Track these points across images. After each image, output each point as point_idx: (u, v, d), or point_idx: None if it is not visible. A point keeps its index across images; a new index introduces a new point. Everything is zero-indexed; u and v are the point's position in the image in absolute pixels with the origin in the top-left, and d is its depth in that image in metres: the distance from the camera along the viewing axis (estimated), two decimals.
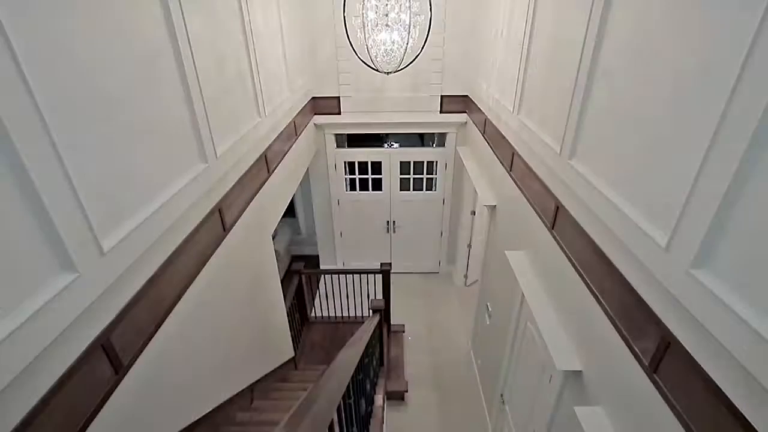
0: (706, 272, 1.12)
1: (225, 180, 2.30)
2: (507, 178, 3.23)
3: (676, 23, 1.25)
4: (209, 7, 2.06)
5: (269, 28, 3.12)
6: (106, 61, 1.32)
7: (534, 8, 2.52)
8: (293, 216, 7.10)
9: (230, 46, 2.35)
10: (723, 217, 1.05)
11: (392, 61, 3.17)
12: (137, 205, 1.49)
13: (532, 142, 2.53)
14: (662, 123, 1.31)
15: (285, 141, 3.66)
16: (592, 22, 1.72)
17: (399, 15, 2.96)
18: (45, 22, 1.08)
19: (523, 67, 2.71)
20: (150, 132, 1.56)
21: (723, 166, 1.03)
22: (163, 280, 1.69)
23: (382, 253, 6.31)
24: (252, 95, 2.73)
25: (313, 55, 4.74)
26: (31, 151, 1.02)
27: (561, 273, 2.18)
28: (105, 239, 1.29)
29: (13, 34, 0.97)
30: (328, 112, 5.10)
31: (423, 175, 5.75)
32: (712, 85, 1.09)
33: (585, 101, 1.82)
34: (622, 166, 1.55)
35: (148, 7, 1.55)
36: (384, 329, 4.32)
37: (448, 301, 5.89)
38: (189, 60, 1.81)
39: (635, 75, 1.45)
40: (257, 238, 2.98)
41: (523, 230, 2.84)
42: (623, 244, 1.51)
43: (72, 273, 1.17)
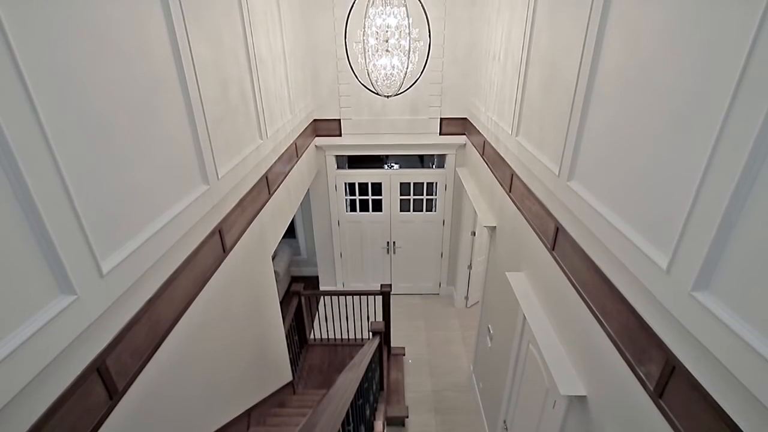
0: (707, 294, 1.11)
1: (226, 201, 2.32)
2: (506, 199, 3.25)
3: (668, 48, 1.28)
4: (214, 32, 2.12)
5: (272, 53, 3.19)
6: (111, 84, 1.34)
7: (530, 34, 2.59)
8: (293, 236, 7.10)
9: (234, 70, 2.40)
10: (723, 239, 1.05)
11: (392, 85, 3.24)
12: (138, 226, 1.49)
13: (531, 163, 2.55)
14: (658, 146, 1.32)
15: (286, 162, 3.70)
16: (587, 47, 1.77)
17: (399, 41, 3.03)
18: (55, 44, 1.11)
19: (521, 90, 2.76)
20: (153, 154, 1.58)
21: (720, 188, 1.04)
22: (162, 303, 1.68)
23: (382, 275, 6.28)
24: (254, 118, 2.77)
25: (315, 79, 4.84)
26: (35, 172, 1.03)
27: (562, 294, 2.16)
28: (105, 261, 1.29)
29: (21, 56, 0.99)
30: (329, 134, 5.17)
31: (423, 196, 5.78)
32: (705, 108, 1.11)
33: (582, 124, 1.85)
34: (620, 188, 1.56)
35: (155, 31, 1.59)
36: (384, 352, 4.26)
37: (449, 322, 5.81)
38: (193, 83, 1.85)
39: (630, 99, 1.48)
40: (257, 260, 2.97)
41: (524, 251, 2.83)
42: (624, 265, 1.50)
43: (70, 295, 1.16)
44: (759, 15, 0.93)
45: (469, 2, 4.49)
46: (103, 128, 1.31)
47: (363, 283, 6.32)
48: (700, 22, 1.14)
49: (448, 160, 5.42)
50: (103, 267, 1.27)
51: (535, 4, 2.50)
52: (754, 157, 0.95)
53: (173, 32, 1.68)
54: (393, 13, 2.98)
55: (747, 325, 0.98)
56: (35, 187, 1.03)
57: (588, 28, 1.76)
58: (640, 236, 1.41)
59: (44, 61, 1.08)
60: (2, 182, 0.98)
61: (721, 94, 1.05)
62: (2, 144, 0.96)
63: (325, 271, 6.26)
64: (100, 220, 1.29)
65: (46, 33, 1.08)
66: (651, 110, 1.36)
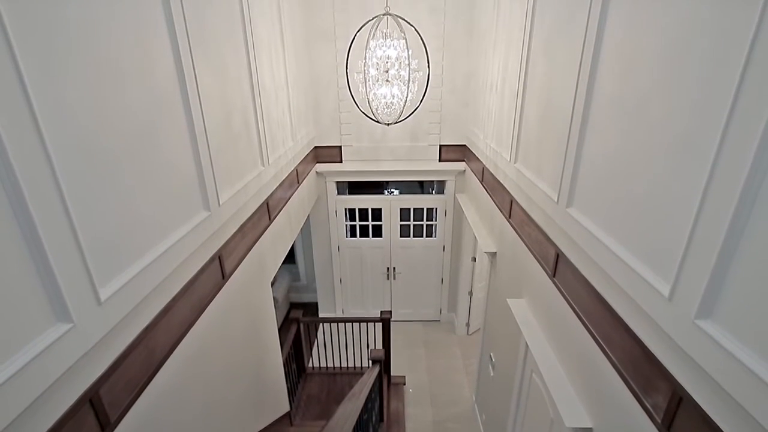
0: (711, 323, 1.10)
1: (226, 227, 2.32)
2: (506, 225, 3.25)
3: (662, 80, 1.31)
4: (220, 62, 2.18)
5: (276, 82, 3.28)
6: (117, 112, 1.37)
7: (526, 65, 2.66)
8: (293, 262, 7.06)
9: (238, 99, 2.45)
10: (724, 266, 1.05)
11: (392, 113, 3.31)
12: (138, 253, 1.49)
13: (530, 190, 2.57)
14: (655, 173, 1.34)
15: (287, 188, 3.72)
16: (582, 78, 1.82)
17: (399, 71, 3.12)
18: (64, 74, 1.14)
19: (518, 118, 2.82)
20: (155, 180, 1.60)
21: (718, 215, 1.04)
22: (159, 330, 1.66)
23: (381, 301, 6.21)
24: (256, 145, 2.81)
25: (317, 107, 4.94)
26: (38, 198, 1.04)
27: (565, 322, 2.13)
28: (103, 288, 1.28)
29: (31, 85, 1.02)
30: (330, 160, 5.23)
31: (423, 222, 5.79)
32: (700, 137, 1.13)
33: (579, 151, 1.88)
34: (619, 214, 1.56)
35: (162, 61, 1.64)
36: (384, 381, 4.16)
37: (450, 350, 5.70)
38: (198, 112, 1.89)
39: (626, 127, 1.51)
40: (256, 286, 2.95)
41: (525, 277, 2.81)
42: (626, 293, 1.49)
43: (67, 323, 1.14)
44: (746, 50, 0.96)
45: (466, 34, 4.64)
46: (107, 155, 1.33)
47: (363, 310, 6.24)
48: (693, 56, 1.18)
49: (448, 186, 5.46)
50: (101, 294, 1.26)
51: (530, 36, 2.58)
52: (749, 186, 0.96)
53: (180, 62, 1.73)
54: (393, 45, 3.08)
55: (754, 354, 0.97)
56: (37, 212, 1.04)
57: (582, 60, 1.81)
58: (640, 263, 1.41)
59: (53, 90, 1.11)
60: (4, 208, 0.98)
61: (715, 124, 1.07)
62: (7, 169, 0.97)
63: (324, 297, 6.20)
64: (100, 247, 1.29)
65: (55, 62, 1.12)
66: (647, 138, 1.38)
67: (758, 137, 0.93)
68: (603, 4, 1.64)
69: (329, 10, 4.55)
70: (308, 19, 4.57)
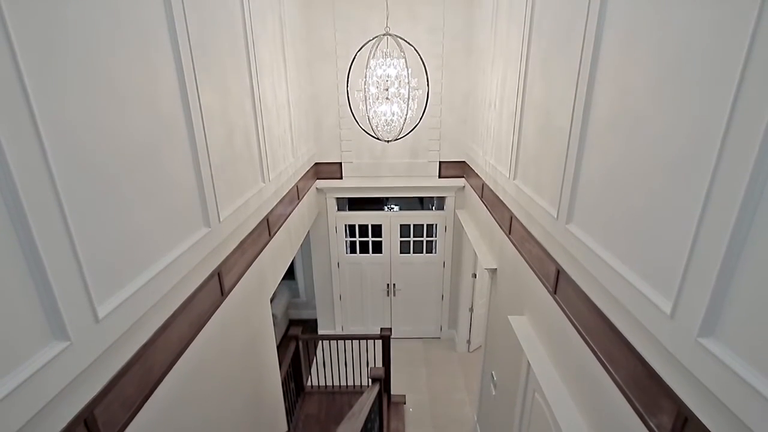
0: (714, 341, 1.09)
1: (226, 244, 2.32)
2: (506, 242, 3.25)
3: (657, 100, 1.33)
4: (223, 82, 2.22)
5: (277, 101, 3.32)
6: (121, 130, 1.39)
7: (524, 83, 2.70)
8: (292, 278, 7.02)
9: (240, 118, 2.49)
10: (725, 282, 1.05)
11: (392, 130, 3.34)
12: (137, 270, 1.49)
13: (529, 206, 2.58)
14: (654, 191, 1.35)
15: (287, 205, 3.73)
16: (579, 97, 1.84)
17: (398, 90, 3.17)
18: (69, 92, 1.16)
19: (516, 136, 2.85)
20: (156, 197, 1.61)
21: (717, 232, 1.05)
22: (156, 348, 1.64)
23: (381, 318, 6.16)
24: (257, 162, 2.83)
25: (318, 124, 5.00)
26: (40, 216, 1.04)
27: (566, 340, 2.11)
28: (101, 306, 1.28)
29: (37, 104, 1.04)
30: (330, 176, 5.26)
31: (423, 238, 5.78)
32: (698, 155, 1.14)
33: (578, 168, 1.89)
34: (619, 231, 1.57)
35: (165, 81, 1.66)
36: (384, 400, 4.09)
37: (451, 368, 5.62)
38: (200, 131, 1.91)
39: (624, 145, 1.52)
40: (255, 303, 2.93)
41: (525, 294, 2.80)
42: (627, 310, 1.48)
43: (63, 341, 1.13)
44: (739, 69, 0.98)
45: (465, 53, 4.72)
46: (109, 172, 1.34)
47: (363, 327, 6.18)
48: (688, 77, 1.20)
49: (448, 202, 5.48)
50: (99, 312, 1.25)
51: (527, 56, 2.63)
52: (747, 203, 0.97)
53: (183, 82, 1.76)
54: (393, 64, 3.14)
55: (758, 373, 0.96)
56: (38, 229, 1.04)
57: (578, 79, 1.84)
58: (641, 280, 1.40)
59: (56, 108, 1.12)
60: (5, 223, 0.99)
61: (711, 143, 1.08)
62: (9, 186, 0.97)
63: (324, 314, 6.15)
64: (100, 264, 1.28)
65: (60, 82, 1.14)
66: (644, 156, 1.40)
67: (754, 155, 0.94)
68: (598, 26, 1.68)
69: (330, 31, 4.65)
70: (310, 40, 4.66)
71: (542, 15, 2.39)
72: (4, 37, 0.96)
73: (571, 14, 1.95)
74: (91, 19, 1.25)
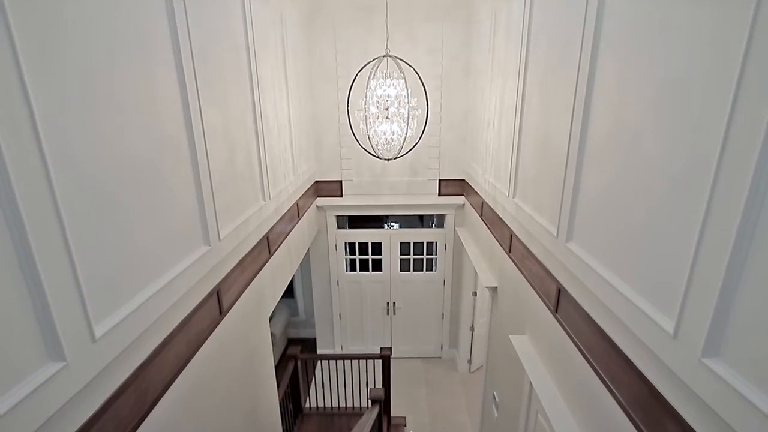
0: (719, 361, 1.07)
1: (226, 262, 2.31)
2: (507, 260, 3.24)
3: (654, 119, 1.35)
4: (224, 100, 2.25)
5: (278, 120, 3.36)
6: (123, 149, 1.40)
7: (521, 103, 2.74)
8: (292, 296, 6.97)
9: (241, 137, 2.51)
10: (727, 300, 1.04)
11: (392, 149, 3.38)
12: (136, 289, 1.48)
13: (529, 224, 2.58)
14: (652, 209, 1.35)
15: (287, 222, 3.74)
16: (576, 117, 1.87)
17: (398, 109, 3.22)
18: (72, 109, 1.18)
19: (515, 154, 2.87)
20: (156, 216, 1.61)
21: (717, 250, 1.05)
22: (153, 368, 1.61)
23: (381, 337, 6.08)
24: (258, 180, 2.85)
25: (318, 143, 5.05)
26: (40, 233, 1.04)
27: (569, 360, 2.08)
28: (98, 324, 1.26)
29: (42, 123, 1.05)
30: (331, 194, 5.28)
31: (423, 256, 5.76)
32: (695, 174, 1.15)
33: (577, 186, 1.90)
34: (619, 249, 1.56)
35: (168, 98, 1.69)
36: (383, 422, 4.00)
37: (452, 389, 5.52)
38: (202, 149, 1.93)
39: (622, 164, 1.54)
40: (254, 322, 2.90)
41: (527, 313, 2.77)
42: (629, 330, 1.47)
43: (59, 362, 1.12)
44: (733, 89, 1.00)
45: (463, 74, 4.81)
46: (110, 190, 1.34)
47: (362, 346, 6.09)
48: (683, 96, 1.22)
49: (448, 220, 5.49)
50: (96, 331, 1.24)
51: (524, 75, 2.68)
52: (746, 221, 0.97)
53: (186, 102, 1.79)
54: (393, 85, 3.19)
55: (763, 394, 0.94)
56: (38, 246, 1.04)
57: (575, 98, 1.87)
58: (643, 299, 1.40)
59: (59, 127, 1.14)
60: (5, 240, 0.98)
61: (707, 162, 1.09)
62: (10, 203, 0.98)
63: (323, 333, 6.07)
64: (98, 283, 1.28)
65: (65, 102, 1.16)
66: (643, 174, 1.41)
67: (751, 173, 0.94)
68: (594, 46, 1.71)
69: (331, 52, 4.74)
70: (311, 60, 4.75)
71: (538, 35, 2.45)
72: (11, 54, 0.98)
73: (567, 34, 1.99)
74: (95, 37, 1.28)
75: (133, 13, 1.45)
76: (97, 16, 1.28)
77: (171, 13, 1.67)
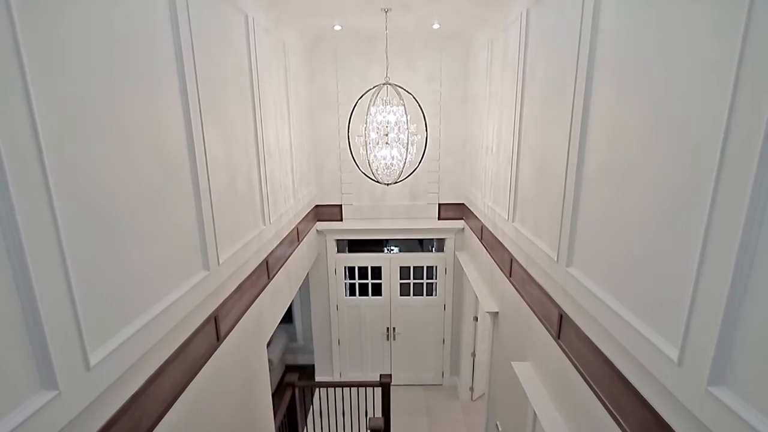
0: (726, 390, 1.05)
1: (224, 287, 2.29)
2: (507, 284, 3.21)
3: (649, 147, 1.37)
4: (228, 127, 2.29)
5: (280, 146, 3.41)
6: (125, 177, 1.42)
7: (519, 130, 2.79)
8: (290, 321, 6.87)
9: (243, 162, 2.54)
10: (731, 327, 1.03)
11: (392, 174, 3.41)
12: (133, 315, 1.46)
13: (529, 249, 2.58)
14: (650, 233, 1.35)
15: (287, 246, 3.73)
16: (573, 144, 1.90)
17: (398, 135, 3.27)
18: (81, 140, 1.20)
19: (514, 179, 2.90)
20: (156, 241, 1.61)
21: (718, 275, 1.04)
22: (147, 397, 1.58)
23: (381, 363, 5.96)
24: (258, 204, 2.86)
25: (319, 168, 5.10)
26: (40, 260, 1.04)
27: (573, 388, 2.03)
28: (94, 352, 1.24)
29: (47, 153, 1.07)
30: (331, 218, 5.30)
31: (423, 280, 5.72)
32: (692, 200, 1.16)
33: (575, 211, 1.91)
34: (620, 274, 1.56)
35: (173, 127, 1.72)
36: None
37: (454, 418, 5.36)
38: (204, 175, 1.95)
39: (619, 189, 1.55)
40: (251, 348, 2.85)
41: (529, 339, 2.73)
42: (633, 357, 1.44)
43: (51, 391, 1.09)
44: (725, 117, 1.02)
45: (461, 100, 4.91)
46: (112, 217, 1.35)
47: (361, 373, 5.96)
48: (677, 124, 1.24)
49: (447, 244, 5.48)
50: (91, 359, 1.22)
51: (521, 103, 2.73)
52: (745, 245, 0.97)
53: (190, 129, 1.82)
54: (392, 111, 3.26)
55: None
56: (37, 274, 1.03)
57: (572, 125, 1.91)
58: (645, 325, 1.38)
59: (65, 153, 1.15)
60: (4, 266, 0.98)
61: (705, 186, 1.10)
62: (12, 229, 0.98)
63: (321, 359, 5.96)
64: (96, 309, 1.27)
65: (71, 126, 1.18)
66: (641, 199, 1.42)
67: (747, 200, 0.95)
68: (588, 77, 1.76)
69: (333, 80, 4.85)
70: (313, 87, 4.86)
71: (534, 63, 2.52)
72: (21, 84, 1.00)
73: (561, 63, 2.05)
74: (101, 64, 1.32)
75: (140, 42, 1.50)
76: (103, 44, 1.32)
77: (177, 43, 1.72)
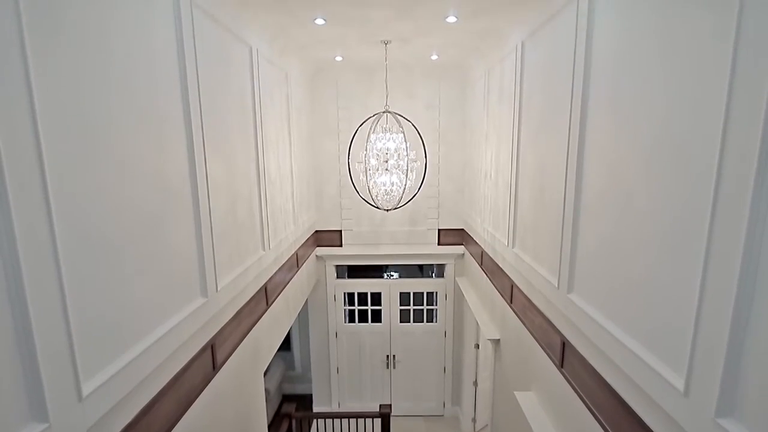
0: (734, 422, 1.02)
1: (222, 314, 2.26)
2: (508, 311, 3.17)
3: (645, 176, 1.39)
4: (229, 155, 2.32)
5: (281, 173, 3.45)
6: (126, 202, 1.43)
7: (517, 157, 2.83)
8: (288, 349, 6.73)
9: (244, 189, 2.56)
10: (736, 354, 1.01)
11: (392, 199, 3.43)
12: (128, 344, 1.44)
13: (530, 275, 2.56)
14: (650, 260, 1.35)
15: (286, 272, 3.71)
16: (570, 172, 1.92)
17: (398, 161, 3.31)
18: (84, 166, 1.21)
19: (513, 205, 2.91)
20: (155, 268, 1.60)
21: (720, 300, 1.03)
22: (140, 429, 1.52)
23: (381, 392, 5.80)
24: (258, 230, 2.87)
25: (319, 193, 5.14)
26: (37, 288, 1.03)
27: (578, 418, 1.98)
28: (87, 382, 1.21)
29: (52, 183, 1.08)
30: (331, 244, 5.29)
31: (423, 306, 5.66)
32: (690, 228, 1.17)
33: (575, 238, 1.91)
34: (621, 301, 1.54)
35: (175, 154, 1.74)
36: None
37: None
38: (205, 201, 1.96)
39: (618, 216, 1.56)
40: (248, 378, 2.78)
41: (531, 367, 2.67)
42: (638, 386, 1.41)
43: (42, 423, 1.06)
44: (719, 142, 1.04)
45: (460, 128, 5.00)
46: (112, 244, 1.35)
47: (360, 403, 5.79)
48: (671, 152, 1.26)
49: (447, 269, 5.45)
50: (83, 389, 1.19)
51: (519, 130, 2.78)
52: (745, 271, 0.97)
53: (192, 155, 1.85)
54: (392, 138, 3.31)
55: None
56: (34, 302, 1.02)
57: (568, 154, 1.93)
58: (649, 353, 1.36)
59: (66, 179, 1.16)
60: (1, 295, 0.97)
61: (702, 213, 1.11)
62: (11, 255, 0.98)
63: (319, 388, 5.81)
64: (91, 338, 1.25)
65: (76, 154, 1.19)
66: (640, 226, 1.42)
67: (745, 225, 0.96)
68: (583, 104, 1.80)
69: (333, 108, 4.96)
70: (314, 115, 4.96)
71: (530, 93, 2.58)
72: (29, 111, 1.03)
73: (557, 92, 2.10)
74: (107, 93, 1.35)
75: (145, 72, 1.54)
76: (109, 73, 1.35)
77: (183, 73, 1.77)
